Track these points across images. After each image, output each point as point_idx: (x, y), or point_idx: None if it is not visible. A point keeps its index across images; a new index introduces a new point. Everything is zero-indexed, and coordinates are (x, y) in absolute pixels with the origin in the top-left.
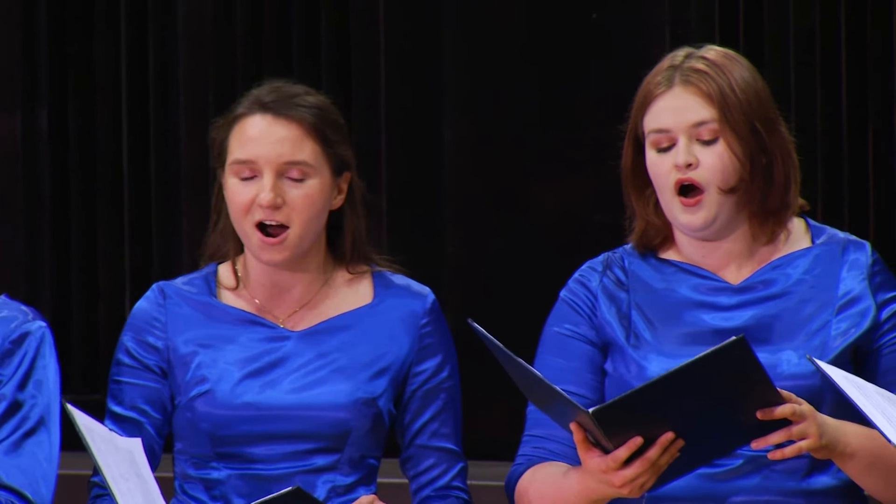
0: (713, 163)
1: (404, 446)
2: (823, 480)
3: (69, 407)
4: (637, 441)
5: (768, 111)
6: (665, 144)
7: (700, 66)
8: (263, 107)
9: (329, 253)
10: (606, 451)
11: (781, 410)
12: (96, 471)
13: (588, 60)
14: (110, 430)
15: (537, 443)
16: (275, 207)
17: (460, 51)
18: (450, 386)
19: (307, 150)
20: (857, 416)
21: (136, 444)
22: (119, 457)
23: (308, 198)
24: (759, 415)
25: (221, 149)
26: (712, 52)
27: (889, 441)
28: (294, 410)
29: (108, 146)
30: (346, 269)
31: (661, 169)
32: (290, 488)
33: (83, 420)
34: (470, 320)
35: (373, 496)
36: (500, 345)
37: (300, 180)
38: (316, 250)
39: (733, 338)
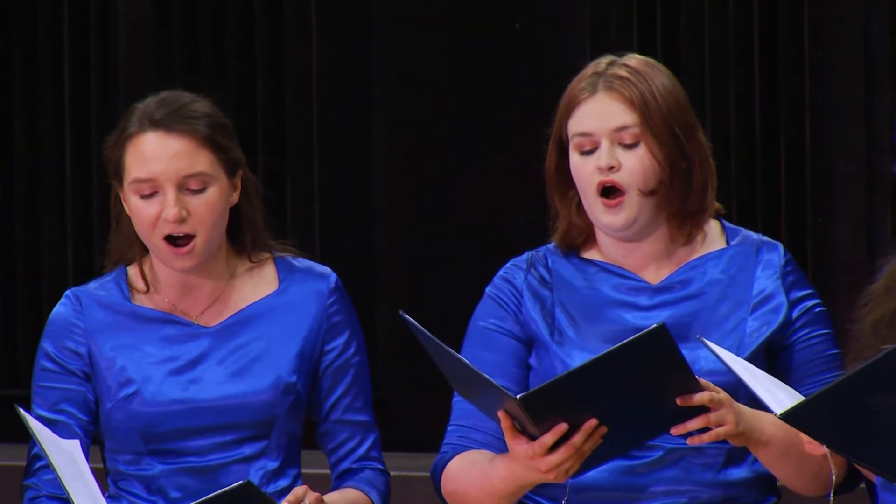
0: (634, 166)
1: (320, 422)
2: (738, 473)
3: (21, 411)
4: (562, 427)
5: (687, 117)
6: (588, 147)
7: (623, 72)
8: (155, 123)
9: (231, 246)
10: (533, 439)
11: (700, 397)
12: (29, 472)
13: (512, 68)
14: None
15: (463, 432)
16: (180, 221)
17: (389, 58)
18: (357, 361)
19: (203, 161)
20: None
21: (75, 445)
22: (65, 458)
23: (210, 205)
24: (678, 401)
25: (118, 167)
26: (634, 59)
27: (772, 412)
28: (219, 402)
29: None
30: (248, 259)
31: (584, 171)
32: (239, 483)
33: (35, 424)
34: (401, 312)
35: (305, 487)
36: (431, 335)
37: (200, 190)
38: (220, 248)
39: (654, 325)
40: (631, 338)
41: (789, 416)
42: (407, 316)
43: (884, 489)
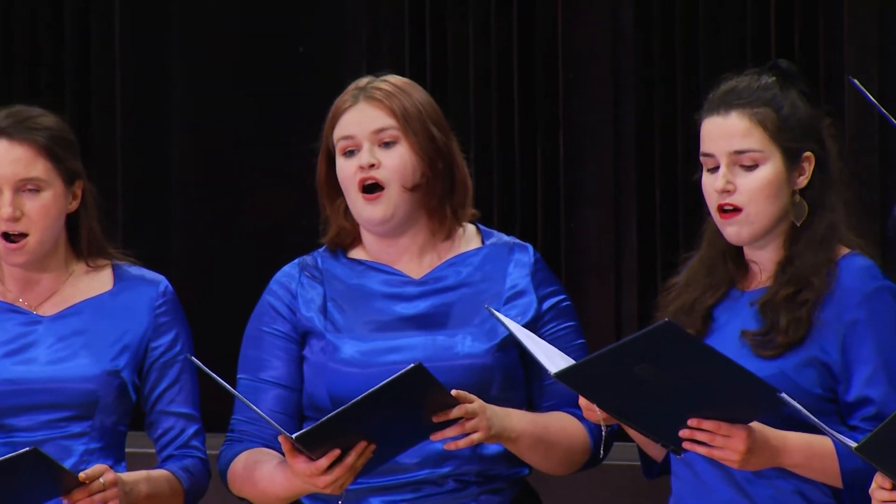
0: (394, 163)
1: (147, 413)
2: (493, 448)
3: None
4: (335, 453)
5: (443, 126)
6: (351, 148)
7: (383, 86)
8: (0, 132)
9: (71, 249)
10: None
11: (456, 412)
12: None
13: (296, 86)
14: None
15: (243, 427)
16: (14, 220)
17: (185, 78)
18: (183, 359)
19: (39, 167)
20: (524, 401)
21: None
22: None
23: (43, 208)
24: (434, 419)
25: None
26: (394, 78)
27: (548, 370)
28: (48, 384)
29: None
30: (86, 263)
31: (348, 171)
32: (26, 449)
33: None
34: (189, 356)
35: (105, 465)
36: (217, 378)
37: (35, 192)
38: (57, 248)
39: (410, 366)
40: (390, 378)
41: (563, 376)
42: (196, 360)
43: (676, 463)
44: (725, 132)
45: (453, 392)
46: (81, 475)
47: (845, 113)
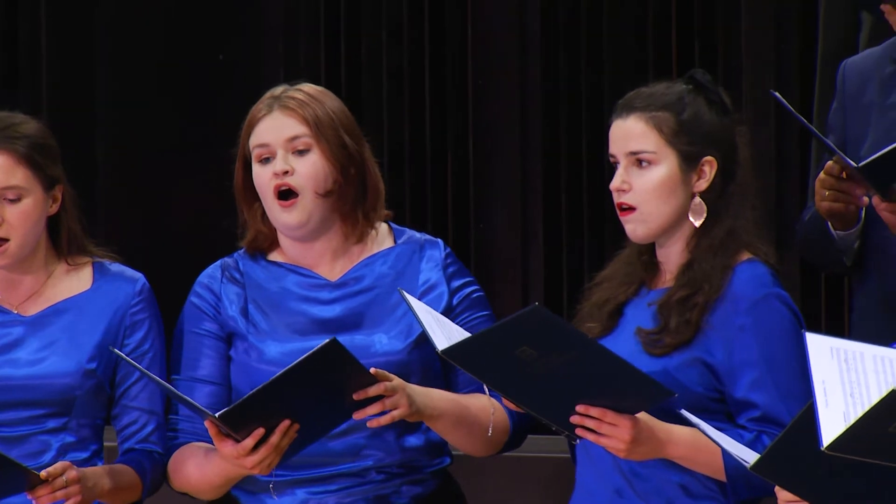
0: (307, 170)
1: (113, 405)
2: (414, 440)
3: None
4: (260, 431)
5: (355, 133)
6: (266, 156)
7: (297, 95)
8: None
9: (52, 249)
10: (238, 440)
11: (375, 389)
12: None
13: (218, 91)
14: None
15: (177, 425)
16: None
17: (111, 85)
18: (152, 356)
19: (19, 176)
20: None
21: None
22: None
23: (23, 214)
24: (354, 396)
25: None
26: (307, 86)
27: (437, 350)
28: (28, 381)
29: None
30: (66, 262)
31: (263, 178)
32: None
33: None
34: (113, 349)
35: (67, 463)
36: (141, 368)
37: (16, 200)
38: (38, 250)
39: (326, 341)
40: (307, 354)
41: (449, 353)
42: (118, 351)
43: (578, 450)
44: (624, 134)
45: (372, 370)
46: (43, 473)
47: (742, 114)
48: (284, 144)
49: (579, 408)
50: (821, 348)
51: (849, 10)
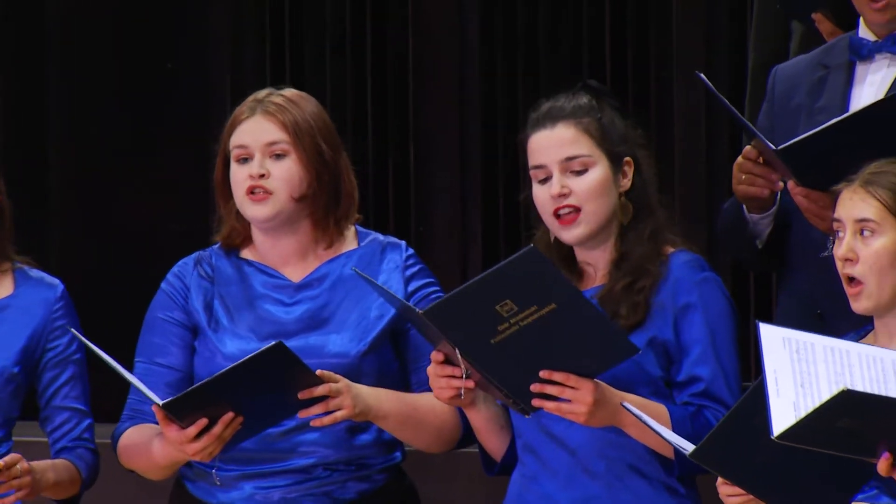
0: (283, 174)
1: (42, 408)
2: (365, 438)
3: None
4: (203, 422)
5: (332, 140)
6: (244, 156)
7: (278, 100)
8: None
9: None
10: (183, 427)
11: (320, 390)
12: None
13: (167, 98)
14: None
15: (136, 405)
16: None
17: (62, 91)
18: (77, 358)
19: None
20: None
21: None
22: None
23: None
24: (300, 395)
25: None
26: (290, 91)
27: (418, 312)
28: None
29: None
30: None
31: (239, 178)
32: None
33: None
34: (71, 329)
35: (19, 455)
36: (98, 349)
37: None
38: None
39: (272, 343)
40: (251, 355)
41: (430, 313)
42: (74, 331)
43: (521, 452)
44: (555, 142)
45: (318, 372)
46: (0, 463)
47: (674, 122)
48: (263, 148)
49: (543, 373)
50: (773, 338)
51: (780, 20)
